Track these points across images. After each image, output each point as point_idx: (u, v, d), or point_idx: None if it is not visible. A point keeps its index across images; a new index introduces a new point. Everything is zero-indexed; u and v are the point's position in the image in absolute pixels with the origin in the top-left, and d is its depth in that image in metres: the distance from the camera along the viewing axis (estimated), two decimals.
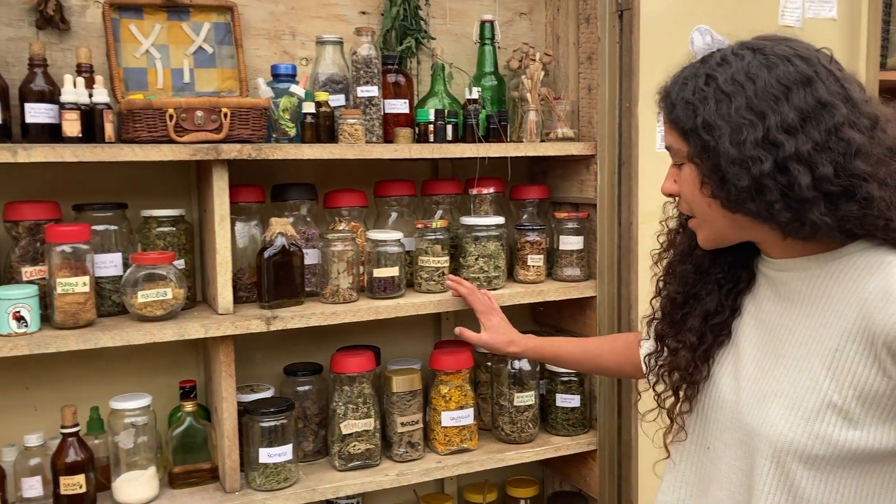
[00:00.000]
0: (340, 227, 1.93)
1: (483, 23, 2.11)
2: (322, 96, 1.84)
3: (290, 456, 1.78)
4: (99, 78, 1.69)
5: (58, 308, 1.60)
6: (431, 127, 1.94)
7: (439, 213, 2.10)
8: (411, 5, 2.06)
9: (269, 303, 1.78)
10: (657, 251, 1.32)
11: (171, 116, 1.63)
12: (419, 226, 1.96)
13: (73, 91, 1.62)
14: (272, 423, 1.77)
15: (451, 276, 1.92)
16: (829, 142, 0.99)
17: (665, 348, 1.27)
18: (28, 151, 1.53)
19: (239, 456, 1.75)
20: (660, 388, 1.27)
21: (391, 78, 1.97)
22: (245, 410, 1.79)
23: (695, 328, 1.20)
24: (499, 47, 2.14)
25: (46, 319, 1.64)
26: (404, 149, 1.88)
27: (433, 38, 2.12)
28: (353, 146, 1.81)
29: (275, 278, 1.77)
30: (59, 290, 1.59)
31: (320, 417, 1.95)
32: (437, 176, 2.22)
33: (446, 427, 1.94)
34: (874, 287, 1.01)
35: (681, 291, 1.24)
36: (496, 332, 1.79)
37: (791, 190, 1.00)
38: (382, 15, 2.09)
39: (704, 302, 1.21)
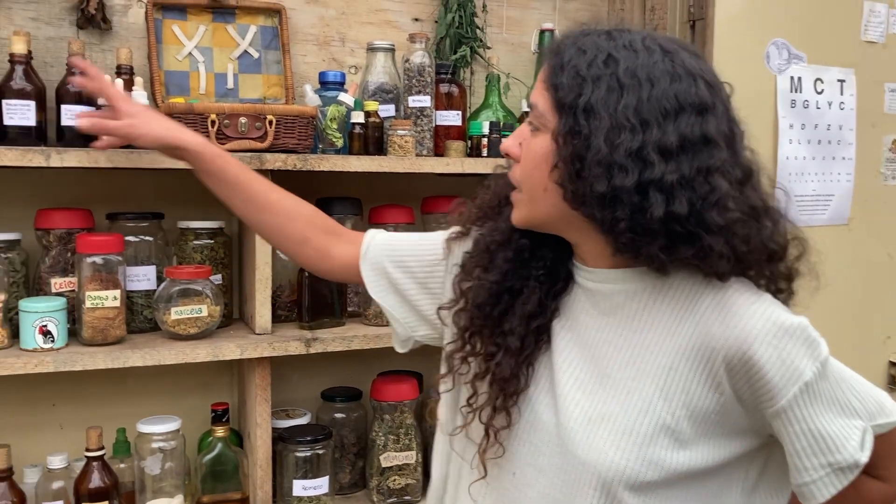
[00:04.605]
0: None
1: (542, 32, 1.99)
2: (372, 106, 1.73)
3: (326, 489, 1.66)
4: (138, 80, 1.60)
5: (86, 323, 1.50)
6: (485, 140, 1.82)
7: None
8: (467, 12, 1.95)
9: (310, 323, 1.67)
10: (466, 218, 1.13)
11: (213, 122, 1.53)
12: None
13: None
14: (308, 453, 1.65)
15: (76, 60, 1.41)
16: (695, 181, 0.90)
17: (470, 346, 1.07)
18: (61, 155, 1.44)
19: (272, 487, 1.64)
20: (473, 400, 1.06)
21: (444, 88, 1.86)
22: (280, 437, 1.67)
23: (516, 331, 1.04)
24: None
25: (74, 334, 1.55)
26: (456, 163, 1.77)
27: (489, 48, 2.01)
28: (404, 159, 1.70)
29: (316, 297, 1.67)
30: (88, 303, 1.49)
31: (358, 447, 1.82)
32: None
33: None
34: (709, 303, 0.96)
35: (496, 281, 1.06)
36: (146, 119, 1.28)
37: (641, 215, 0.90)
38: (436, 22, 1.98)
39: (526, 301, 1.05)
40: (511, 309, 1.06)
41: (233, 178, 1.25)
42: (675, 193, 0.90)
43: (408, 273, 1.20)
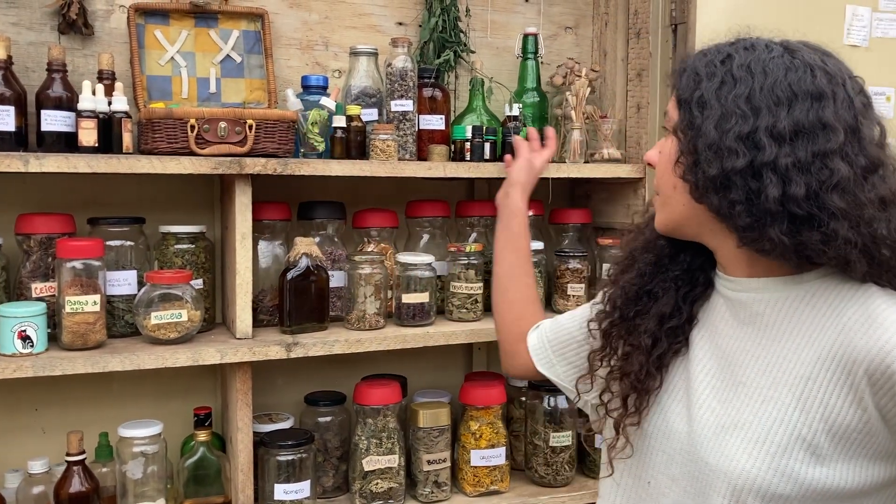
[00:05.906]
0: (369, 249, 1.82)
1: (526, 36, 2.00)
2: (354, 110, 1.73)
3: (307, 493, 1.66)
4: (119, 85, 1.60)
5: (66, 328, 1.50)
6: (468, 144, 1.83)
7: (473, 235, 1.98)
8: (451, 17, 1.96)
9: (291, 327, 1.67)
10: (625, 232, 1.22)
11: (192, 127, 1.53)
12: (452, 249, 1.84)
13: (90, 98, 1.53)
14: (290, 457, 1.65)
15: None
16: (812, 165, 0.92)
17: (610, 348, 1.14)
18: (41, 161, 1.44)
19: (254, 491, 1.64)
20: (606, 396, 1.13)
21: (427, 92, 1.87)
22: (261, 442, 1.67)
23: (649, 330, 1.10)
24: (542, 62, 2.02)
25: (54, 339, 1.54)
26: (439, 167, 1.77)
27: (473, 52, 2.01)
28: (385, 163, 1.70)
29: (298, 301, 1.66)
30: (67, 308, 1.49)
31: (342, 451, 1.82)
32: (472, 196, 2.10)
33: (476, 467, 1.80)
34: (853, 313, 0.95)
35: (636, 284, 1.14)
36: (520, 171, 1.65)
37: (757, 197, 0.94)
38: (420, 26, 1.98)
39: (660, 302, 1.11)
40: (647, 310, 1.11)
41: (513, 247, 1.53)
42: (790, 176, 0.92)
43: (566, 334, 1.30)
